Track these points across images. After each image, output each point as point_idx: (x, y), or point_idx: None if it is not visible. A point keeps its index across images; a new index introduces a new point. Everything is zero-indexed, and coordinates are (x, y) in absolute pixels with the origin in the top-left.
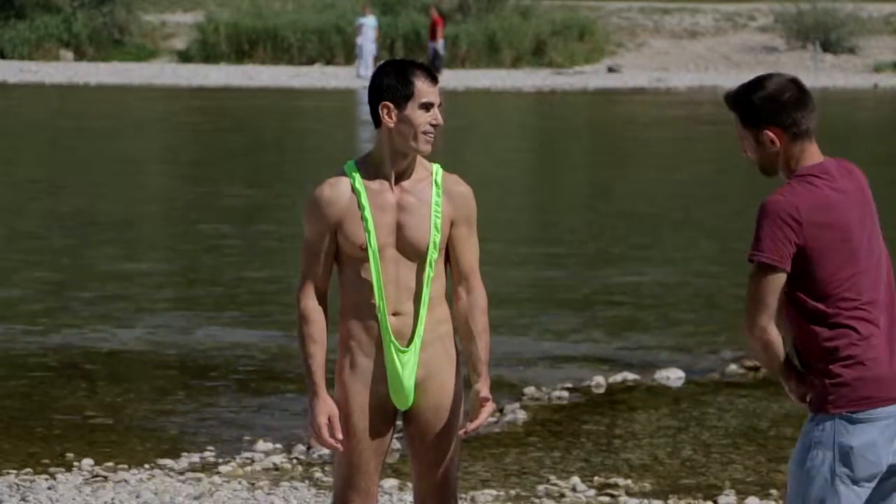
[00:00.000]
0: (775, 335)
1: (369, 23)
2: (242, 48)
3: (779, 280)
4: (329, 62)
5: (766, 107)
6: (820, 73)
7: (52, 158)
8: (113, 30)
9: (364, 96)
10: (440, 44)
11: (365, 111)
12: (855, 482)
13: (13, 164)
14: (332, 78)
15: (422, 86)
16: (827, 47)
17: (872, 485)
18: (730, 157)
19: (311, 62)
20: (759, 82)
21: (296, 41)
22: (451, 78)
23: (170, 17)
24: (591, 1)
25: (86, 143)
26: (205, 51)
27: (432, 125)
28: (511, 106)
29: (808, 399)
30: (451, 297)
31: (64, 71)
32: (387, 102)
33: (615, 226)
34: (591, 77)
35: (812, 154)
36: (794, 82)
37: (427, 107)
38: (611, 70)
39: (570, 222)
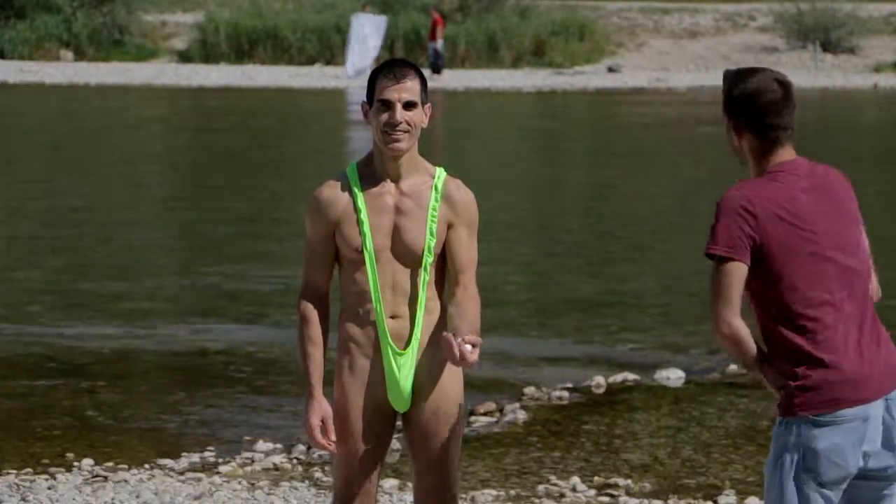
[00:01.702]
0: (742, 328)
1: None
2: (242, 48)
3: (737, 272)
4: (329, 62)
5: (740, 105)
6: (820, 73)
7: (52, 158)
8: (113, 30)
9: (357, 96)
10: (440, 43)
11: (357, 111)
12: (822, 485)
13: (13, 164)
14: (332, 78)
15: (379, 84)
16: (827, 47)
17: (842, 487)
18: (729, 158)
19: (311, 62)
20: (743, 76)
21: (296, 41)
22: (451, 78)
23: (170, 17)
24: (591, 1)
25: (86, 143)
26: (205, 51)
27: (390, 124)
28: (511, 106)
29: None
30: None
31: (64, 71)
32: (364, 101)
33: (615, 226)
34: (591, 77)
35: (782, 155)
36: (779, 83)
37: (385, 105)
38: (611, 70)
39: (570, 222)
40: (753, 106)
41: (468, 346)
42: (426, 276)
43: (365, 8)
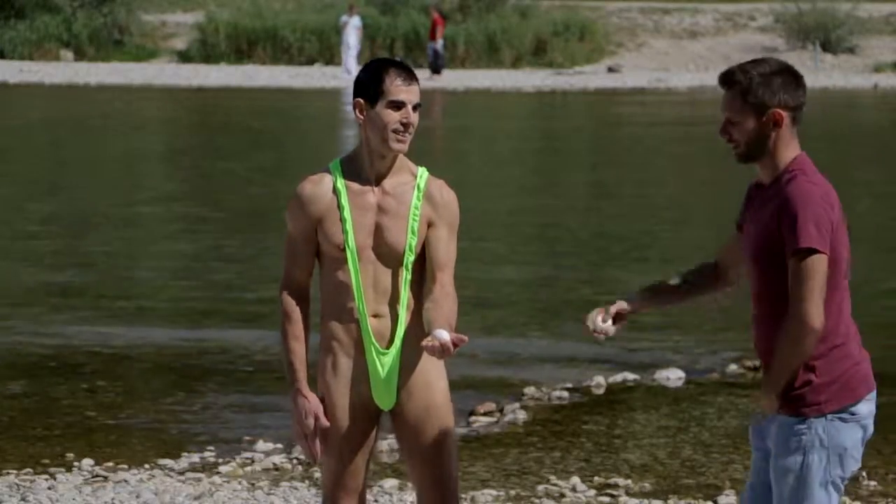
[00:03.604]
0: None
1: (353, 23)
2: (242, 48)
3: (825, 265)
4: (329, 62)
5: (780, 84)
6: (820, 73)
7: (52, 158)
8: (113, 30)
9: (337, 97)
10: (440, 43)
11: (340, 111)
12: (844, 481)
13: (13, 164)
14: (331, 78)
15: (391, 84)
16: (827, 47)
17: None
18: (729, 157)
19: (310, 62)
20: (765, 61)
21: (295, 41)
22: (451, 78)
23: (170, 17)
24: (591, 1)
25: (86, 143)
26: (205, 51)
27: (403, 124)
28: (511, 106)
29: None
30: None
31: (64, 71)
32: (359, 99)
33: (615, 226)
34: (591, 77)
35: (797, 142)
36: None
37: (397, 105)
38: (611, 70)
39: (570, 222)
40: (791, 84)
41: (445, 335)
42: (408, 275)
43: (352, 9)
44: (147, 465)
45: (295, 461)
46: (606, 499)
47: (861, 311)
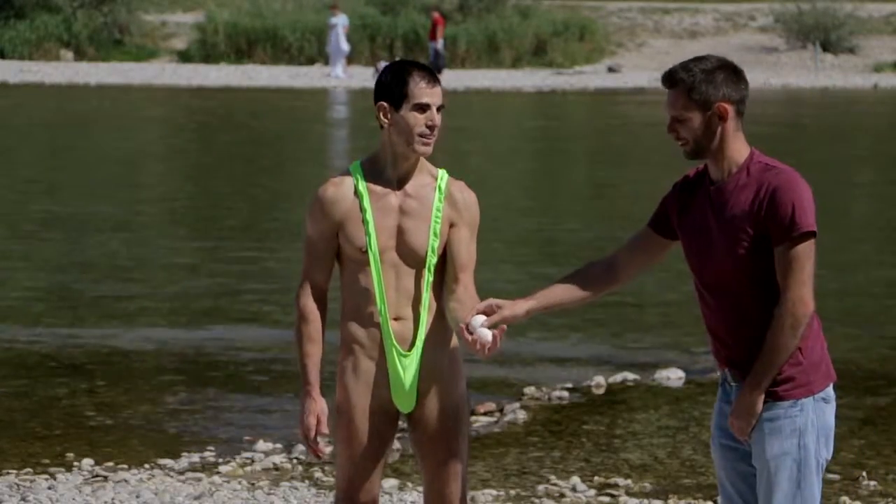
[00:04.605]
0: None
1: (341, 22)
2: (242, 48)
3: None
4: (329, 62)
5: (723, 79)
6: (820, 73)
7: (52, 158)
8: (113, 30)
9: (336, 97)
10: (440, 43)
11: (339, 111)
12: (826, 464)
13: (13, 164)
14: (332, 78)
15: (416, 87)
16: (827, 47)
17: None
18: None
19: (310, 62)
20: (705, 58)
21: (295, 41)
22: (451, 78)
23: (170, 17)
24: (591, 1)
25: (86, 143)
26: (205, 51)
27: (429, 127)
28: (511, 106)
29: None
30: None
31: (64, 71)
32: (383, 103)
33: (614, 226)
34: (591, 77)
35: (742, 134)
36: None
37: (422, 108)
38: (611, 70)
39: (569, 222)
40: (734, 79)
41: (487, 332)
42: (430, 278)
43: (332, 9)
44: (147, 465)
45: (295, 461)
46: (606, 499)
47: (861, 311)
